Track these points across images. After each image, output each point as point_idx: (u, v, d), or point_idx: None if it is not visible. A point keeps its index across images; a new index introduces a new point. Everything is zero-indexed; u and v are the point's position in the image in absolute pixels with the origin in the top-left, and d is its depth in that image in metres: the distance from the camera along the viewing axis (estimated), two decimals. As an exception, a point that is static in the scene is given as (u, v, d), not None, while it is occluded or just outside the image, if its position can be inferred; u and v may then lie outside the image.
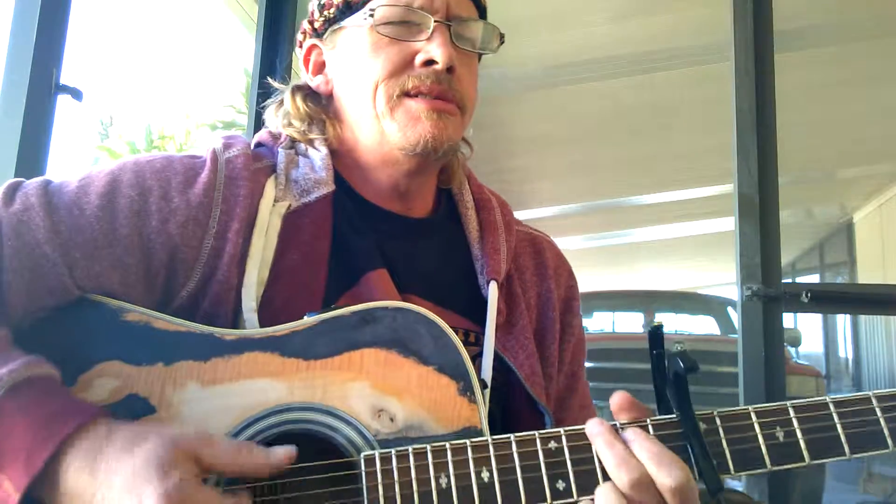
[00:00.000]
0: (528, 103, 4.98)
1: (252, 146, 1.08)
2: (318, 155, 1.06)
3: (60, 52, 1.62)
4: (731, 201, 2.52)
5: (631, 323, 7.56)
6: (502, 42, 1.10)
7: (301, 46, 1.14)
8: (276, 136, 1.10)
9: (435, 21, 1.01)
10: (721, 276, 12.13)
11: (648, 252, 10.92)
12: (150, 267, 0.92)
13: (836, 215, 9.48)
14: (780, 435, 0.83)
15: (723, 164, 3.22)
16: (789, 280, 9.61)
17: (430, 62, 1.01)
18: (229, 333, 0.88)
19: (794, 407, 0.84)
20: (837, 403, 0.85)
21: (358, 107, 1.05)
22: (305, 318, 0.88)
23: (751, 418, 0.84)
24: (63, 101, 1.63)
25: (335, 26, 1.08)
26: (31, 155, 1.55)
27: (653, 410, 0.88)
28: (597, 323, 7.55)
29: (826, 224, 9.83)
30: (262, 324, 0.91)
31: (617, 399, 0.85)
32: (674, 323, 7.44)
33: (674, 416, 0.84)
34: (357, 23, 1.05)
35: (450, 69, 1.02)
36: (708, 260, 11.61)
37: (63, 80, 1.62)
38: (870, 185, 8.05)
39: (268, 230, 0.97)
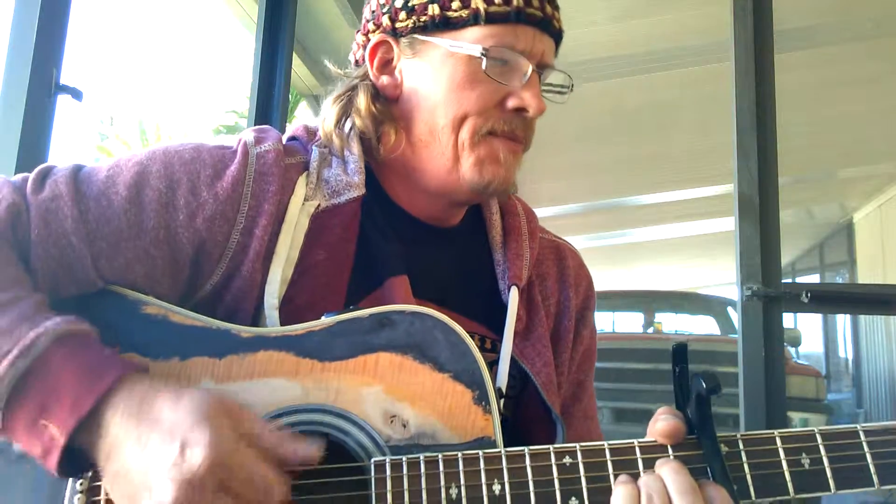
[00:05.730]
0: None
1: (285, 139, 1.06)
2: (352, 157, 1.03)
3: (60, 52, 1.61)
4: (731, 201, 2.52)
5: (631, 323, 7.56)
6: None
7: (367, 36, 1.07)
8: (311, 133, 1.08)
9: (532, 69, 0.99)
10: (721, 276, 12.13)
11: (648, 252, 10.93)
12: (175, 260, 0.92)
13: (836, 215, 9.49)
14: (806, 462, 0.81)
15: (723, 164, 3.22)
16: (789, 280, 9.62)
17: (521, 109, 1.00)
18: (246, 331, 0.87)
19: (821, 434, 0.82)
20: (868, 432, 0.82)
21: (435, 130, 1.01)
22: (323, 318, 0.87)
23: (775, 443, 0.82)
24: (63, 101, 1.63)
25: (423, 36, 1.02)
26: (31, 155, 1.54)
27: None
28: (597, 323, 7.54)
29: (826, 224, 9.83)
30: (283, 321, 0.91)
31: (662, 423, 0.81)
32: (674, 323, 7.45)
33: (694, 436, 0.82)
34: (455, 46, 1.00)
35: None
36: (708, 260, 11.61)
37: (63, 80, 1.61)
38: (870, 185, 8.06)
39: (295, 228, 0.96)
